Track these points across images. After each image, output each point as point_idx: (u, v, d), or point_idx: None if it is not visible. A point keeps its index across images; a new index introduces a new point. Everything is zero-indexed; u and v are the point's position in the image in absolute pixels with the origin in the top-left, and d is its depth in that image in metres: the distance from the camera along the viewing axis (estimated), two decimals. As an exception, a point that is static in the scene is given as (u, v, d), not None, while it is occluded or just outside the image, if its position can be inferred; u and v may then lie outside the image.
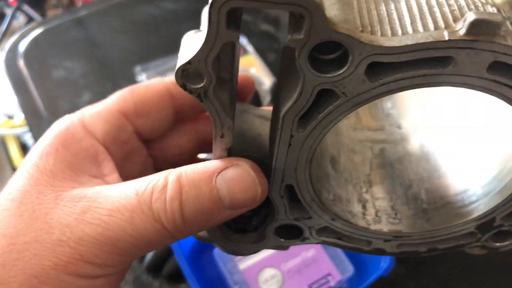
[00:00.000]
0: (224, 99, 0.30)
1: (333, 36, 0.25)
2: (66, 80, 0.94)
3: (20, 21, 1.73)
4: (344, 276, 0.64)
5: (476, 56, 0.26)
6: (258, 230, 0.37)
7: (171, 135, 0.38)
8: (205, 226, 0.32)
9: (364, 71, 0.27)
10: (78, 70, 0.96)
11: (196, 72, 0.28)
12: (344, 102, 0.28)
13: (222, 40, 0.26)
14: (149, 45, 0.99)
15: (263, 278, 0.64)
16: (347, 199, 0.38)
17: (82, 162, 0.32)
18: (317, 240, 0.38)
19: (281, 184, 0.33)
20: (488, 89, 0.28)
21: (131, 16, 1.07)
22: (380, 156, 0.41)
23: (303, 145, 0.31)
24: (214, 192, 0.30)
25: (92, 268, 0.29)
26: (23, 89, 0.93)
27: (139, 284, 0.67)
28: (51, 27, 1.06)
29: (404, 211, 0.38)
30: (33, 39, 1.02)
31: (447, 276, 0.67)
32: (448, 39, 0.25)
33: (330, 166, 0.38)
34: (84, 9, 1.11)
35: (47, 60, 0.98)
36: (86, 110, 0.35)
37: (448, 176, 0.39)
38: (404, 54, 0.26)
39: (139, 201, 0.29)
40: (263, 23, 1.05)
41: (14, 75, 0.95)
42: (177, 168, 0.31)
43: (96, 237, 0.28)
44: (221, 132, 0.31)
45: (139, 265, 0.68)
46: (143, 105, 0.36)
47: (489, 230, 0.37)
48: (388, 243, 0.38)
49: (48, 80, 0.95)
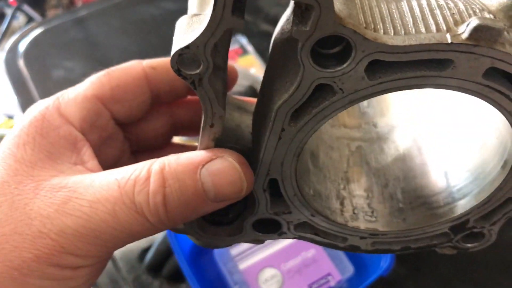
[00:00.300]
0: (217, 87, 0.29)
1: (339, 31, 0.25)
2: (66, 80, 0.94)
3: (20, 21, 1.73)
4: (344, 276, 0.64)
5: (475, 61, 0.26)
6: (234, 223, 0.37)
7: (147, 118, 0.37)
8: (189, 218, 0.31)
9: (364, 68, 0.26)
10: (78, 70, 0.96)
11: (194, 58, 0.27)
12: (340, 98, 0.28)
13: (225, 25, 0.25)
14: (149, 45, 0.99)
15: (263, 278, 0.64)
16: (326, 195, 0.38)
17: (61, 150, 0.31)
18: (294, 235, 0.37)
19: (266, 178, 0.33)
20: (481, 94, 0.28)
21: (131, 16, 1.07)
22: (357, 153, 0.41)
23: (293, 140, 0.30)
24: (199, 185, 0.29)
25: (74, 259, 0.29)
26: (23, 89, 0.93)
27: (139, 284, 0.67)
28: (51, 27, 1.06)
29: (381, 209, 0.38)
30: (33, 39, 1.02)
31: (447, 276, 0.67)
32: (450, 42, 0.25)
33: (310, 161, 0.38)
34: (84, 9, 1.11)
35: (47, 60, 0.98)
36: (61, 95, 0.34)
37: (424, 177, 0.39)
38: (406, 54, 0.26)
39: (121, 193, 0.28)
40: (263, 23, 1.05)
41: (14, 75, 0.95)
42: (160, 159, 0.30)
43: (78, 229, 0.28)
44: (211, 121, 0.30)
45: (139, 265, 0.68)
46: (120, 90, 0.35)
47: (462, 231, 0.37)
48: (364, 240, 0.38)
49: (48, 80, 0.95)
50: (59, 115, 0.32)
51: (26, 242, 0.28)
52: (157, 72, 0.36)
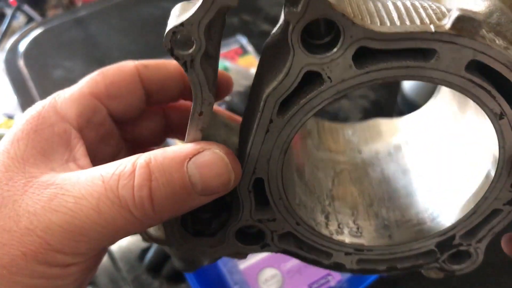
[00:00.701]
0: (208, 73, 0.29)
1: (328, 13, 0.26)
2: (66, 80, 0.94)
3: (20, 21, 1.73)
4: (344, 276, 0.64)
5: (458, 52, 0.27)
6: (217, 235, 0.36)
7: (142, 117, 0.37)
8: (176, 212, 0.31)
9: (352, 55, 0.27)
10: (78, 70, 0.96)
11: (187, 37, 0.27)
12: (328, 87, 0.28)
13: (219, 3, 0.26)
14: (149, 45, 0.99)
15: (263, 278, 0.64)
16: (311, 207, 0.38)
17: (54, 147, 0.31)
18: (278, 248, 0.37)
19: (252, 177, 0.32)
20: (463, 88, 0.29)
21: (131, 16, 1.07)
22: (342, 175, 0.41)
23: (281, 133, 0.30)
24: (186, 178, 0.29)
25: (62, 257, 0.28)
26: (23, 89, 0.93)
27: (139, 284, 0.67)
28: (51, 27, 1.06)
29: (366, 226, 0.38)
30: (33, 39, 1.02)
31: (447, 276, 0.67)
32: (434, 31, 0.27)
33: (296, 175, 0.38)
34: (84, 9, 1.11)
35: (47, 60, 0.98)
36: (58, 94, 0.34)
37: (408, 197, 0.39)
38: (392, 42, 0.27)
39: (105, 187, 0.28)
40: (263, 23, 1.05)
41: (14, 75, 0.95)
42: (146, 153, 0.30)
43: (63, 226, 0.28)
44: (201, 109, 0.29)
45: (139, 265, 0.68)
46: (114, 87, 0.35)
47: (448, 248, 0.37)
48: (349, 257, 0.37)
49: (48, 80, 0.95)
50: (55, 112, 0.33)
51: (14, 239, 0.28)
52: (149, 70, 0.36)
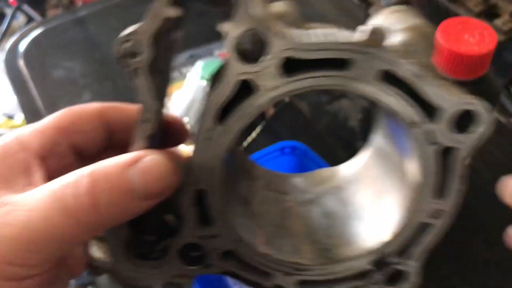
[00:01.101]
0: (156, 83, 0.31)
1: (254, 25, 0.29)
2: (66, 80, 0.94)
3: (20, 21, 1.74)
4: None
5: (372, 61, 0.31)
6: (160, 258, 0.37)
7: (104, 156, 0.40)
8: (122, 218, 0.33)
9: (281, 65, 0.30)
10: (78, 70, 0.96)
11: (136, 45, 0.30)
12: (260, 95, 0.31)
13: (162, 14, 0.29)
14: (149, 45, 0.99)
15: (263, 278, 0.64)
16: (253, 230, 0.39)
17: (15, 174, 0.34)
18: (220, 268, 0.38)
19: (195, 188, 0.34)
20: (377, 99, 0.32)
21: (131, 16, 1.07)
22: (289, 210, 0.44)
23: (221, 140, 0.32)
24: (127, 183, 0.31)
25: (15, 269, 0.30)
26: (23, 89, 0.93)
27: (139, 284, 0.67)
28: (51, 27, 1.06)
29: (306, 249, 0.40)
30: (33, 39, 1.02)
31: (448, 276, 0.67)
32: (352, 42, 0.30)
33: (241, 202, 0.40)
34: (84, 9, 1.11)
35: (47, 60, 0.98)
36: (23, 128, 0.37)
37: (346, 224, 0.42)
38: (314, 52, 0.30)
39: (54, 197, 0.30)
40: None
41: (14, 75, 0.95)
42: (92, 164, 0.32)
43: (14, 237, 0.29)
44: (146, 115, 0.31)
45: (139, 265, 0.68)
46: (77, 123, 0.38)
47: (385, 266, 0.38)
48: (289, 278, 0.38)
49: (48, 80, 0.95)
50: (18, 143, 0.35)
51: None
52: (112, 109, 0.39)
